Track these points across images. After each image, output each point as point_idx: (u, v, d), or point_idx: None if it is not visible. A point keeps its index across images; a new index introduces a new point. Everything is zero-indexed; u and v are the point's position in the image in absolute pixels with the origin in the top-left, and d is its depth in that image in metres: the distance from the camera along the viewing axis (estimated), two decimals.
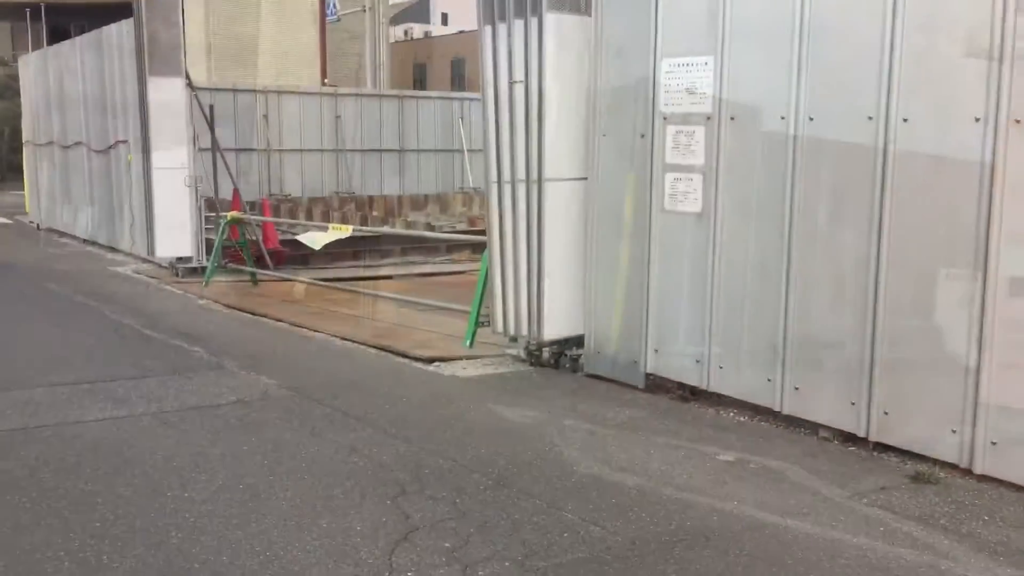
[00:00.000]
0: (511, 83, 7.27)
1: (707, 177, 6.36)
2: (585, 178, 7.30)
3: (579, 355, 7.49)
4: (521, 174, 7.34)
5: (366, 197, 27.49)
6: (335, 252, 16.05)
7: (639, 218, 6.85)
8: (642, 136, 6.78)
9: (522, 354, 7.83)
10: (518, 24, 7.18)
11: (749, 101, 6.04)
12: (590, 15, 7.11)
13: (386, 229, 10.77)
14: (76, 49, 17.14)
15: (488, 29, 7.37)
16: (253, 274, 12.88)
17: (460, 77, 57.42)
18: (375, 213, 26.10)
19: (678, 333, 6.65)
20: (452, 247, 17.43)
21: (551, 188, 7.19)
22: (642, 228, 6.83)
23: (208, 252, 13.44)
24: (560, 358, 7.60)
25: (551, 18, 7.03)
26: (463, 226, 21.68)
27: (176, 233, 13.26)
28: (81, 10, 53.51)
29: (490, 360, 7.97)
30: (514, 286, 7.53)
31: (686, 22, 6.39)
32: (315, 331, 9.36)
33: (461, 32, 66.78)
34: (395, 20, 65.98)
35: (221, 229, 12.77)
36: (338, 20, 36.03)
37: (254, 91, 26.40)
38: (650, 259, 6.78)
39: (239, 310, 10.78)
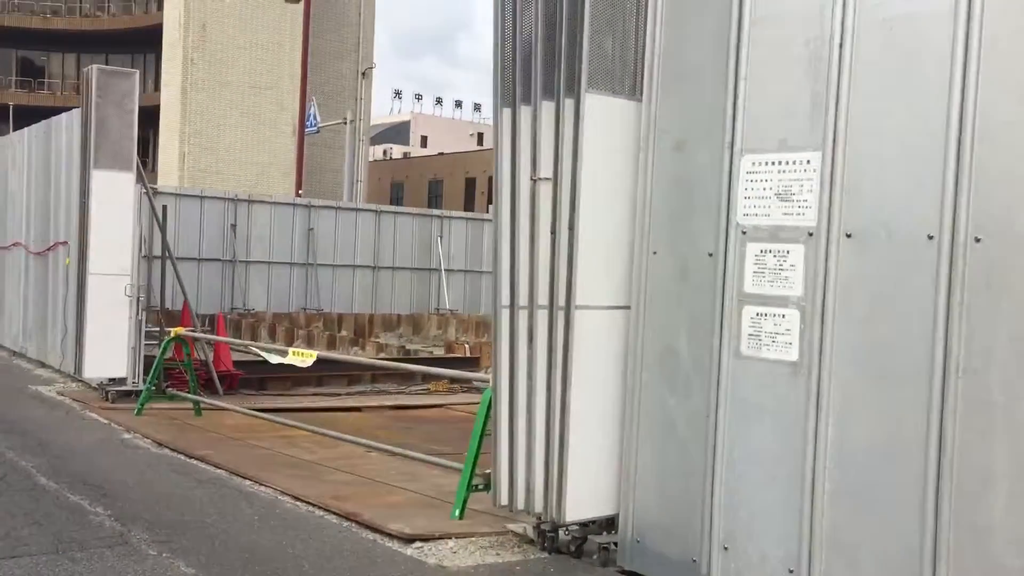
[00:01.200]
0: (535, 180, 5.61)
1: (807, 313, 4.64)
2: (627, 307, 5.57)
3: (611, 543, 5.60)
4: (543, 298, 5.60)
5: (335, 315, 25.67)
6: (296, 376, 14.15)
7: (702, 364, 5.09)
8: (709, 255, 5.09)
9: (530, 532, 5.92)
10: (547, 107, 5.56)
11: (876, 213, 4.38)
12: (640, 98, 5.52)
13: (356, 358, 8.88)
14: (24, 140, 15.49)
15: (507, 113, 5.74)
16: (196, 402, 10.92)
17: (437, 197, 56.64)
18: (343, 333, 24.26)
19: (759, 526, 4.81)
20: (429, 376, 15.60)
21: (583, 318, 5.45)
22: (707, 378, 5.06)
23: (147, 373, 11.52)
24: (583, 544, 5.69)
25: (591, 101, 5.41)
26: (440, 351, 19.88)
27: (110, 349, 11.34)
28: (57, 37, 51.58)
29: (488, 541, 6.04)
30: (526, 445, 5.68)
31: (779, 106, 4.79)
32: (261, 484, 7.40)
33: (440, 154, 66.58)
34: (375, 140, 65.70)
35: (162, 347, 10.88)
36: (318, 131, 34.92)
37: (223, 199, 24.86)
38: (718, 420, 5.00)
39: (172, 449, 8.80)
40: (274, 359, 8.84)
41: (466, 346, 18.04)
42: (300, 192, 30.37)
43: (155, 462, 8.19)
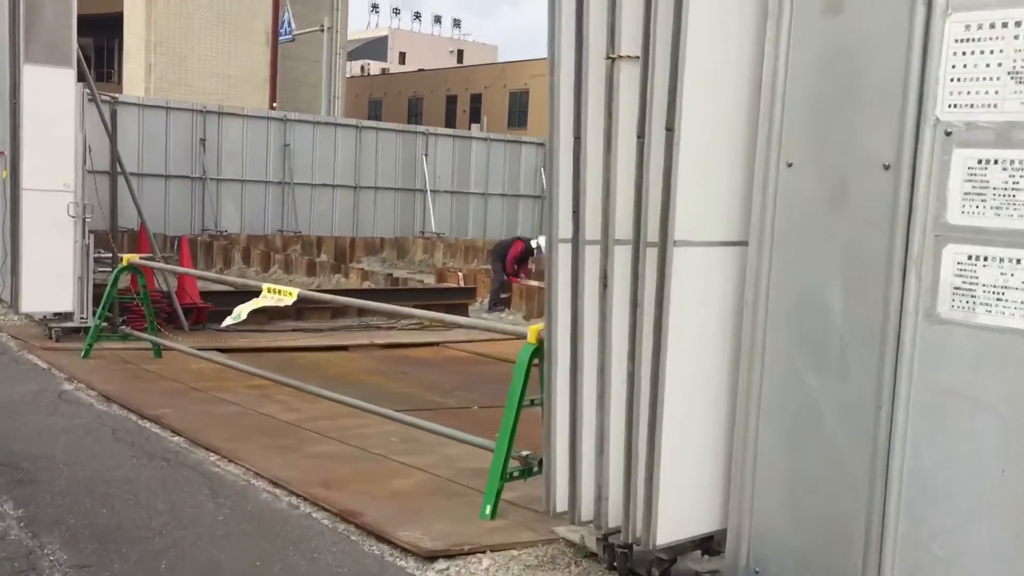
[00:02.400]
0: (613, 59, 3.89)
1: None
2: (743, 243, 3.92)
3: (715, 571, 4.04)
4: (622, 229, 3.94)
5: (314, 238, 23.85)
6: (274, 309, 12.48)
7: (868, 328, 3.48)
8: (885, 168, 3.43)
9: (590, 544, 4.36)
10: None
11: None
12: None
13: (344, 298, 7.22)
14: None
15: None
16: (155, 343, 9.25)
17: (417, 115, 54.27)
18: (323, 257, 22.51)
19: (963, 572, 3.26)
20: (419, 307, 13.96)
21: (683, 258, 3.79)
22: (876, 350, 3.45)
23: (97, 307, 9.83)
24: (671, 567, 4.14)
25: None
26: (428, 279, 18.22)
27: (52, 279, 9.60)
28: None
29: (534, 556, 4.47)
30: (597, 433, 4.08)
31: None
32: (229, 459, 5.79)
33: (420, 71, 63.88)
34: (352, 56, 62.88)
35: (112, 277, 9.15)
36: (292, 39, 32.55)
37: (191, 110, 22.77)
38: (896, 415, 3.40)
39: (120, 405, 7.16)
40: (245, 309, 7.14)
41: (459, 274, 16.37)
42: (275, 105, 28.26)
43: (97, 425, 6.54)
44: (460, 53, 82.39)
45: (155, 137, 21.95)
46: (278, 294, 7.01)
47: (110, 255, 10.35)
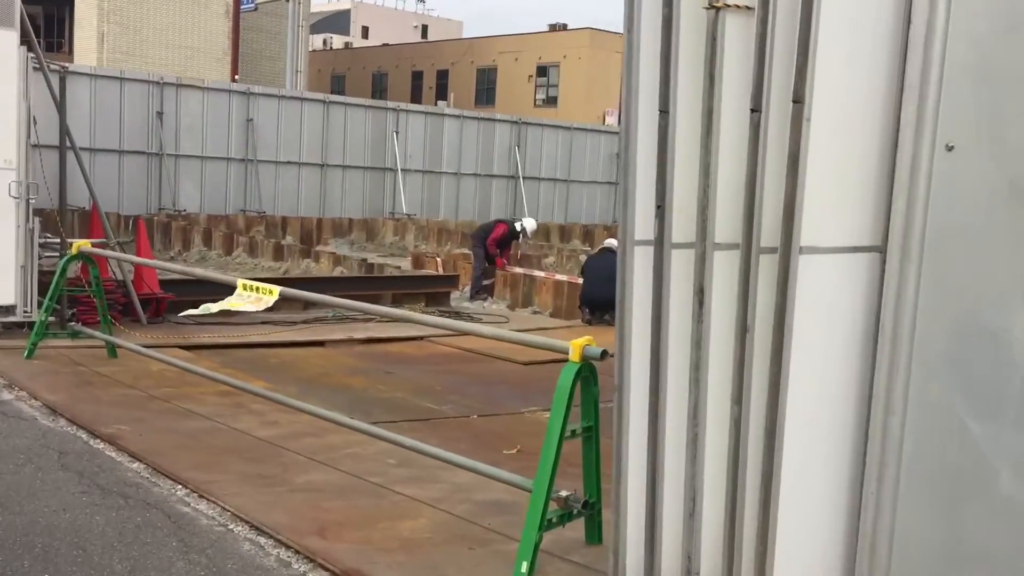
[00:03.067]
0: (718, 8, 2.98)
1: None
2: (877, 248, 3.03)
3: None
4: (725, 231, 3.05)
5: (279, 218, 22.69)
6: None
7: None
8: None
9: None
10: None
11: None
12: None
13: (342, 301, 6.22)
14: None
15: None
16: (110, 343, 8.21)
17: (382, 91, 52.87)
18: (288, 239, 21.41)
19: None
20: (399, 296, 13.03)
21: (811, 269, 2.90)
22: None
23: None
24: None
25: None
26: (402, 263, 17.23)
27: None
28: None
29: None
30: (690, 484, 3.19)
31: None
32: (201, 495, 4.83)
33: (385, 45, 62.37)
34: (314, 29, 61.22)
35: (59, 267, 8.09)
36: (255, 8, 31.19)
37: (147, 81, 21.47)
38: None
39: (69, 420, 6.15)
40: (214, 307, 6.15)
41: (437, 260, 15.41)
42: (236, 78, 26.96)
43: (40, 448, 5.54)
44: (424, 28, 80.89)
45: (109, 110, 20.67)
46: (255, 292, 6.03)
47: (58, 240, 9.27)
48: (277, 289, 5.93)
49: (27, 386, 6.95)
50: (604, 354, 4.03)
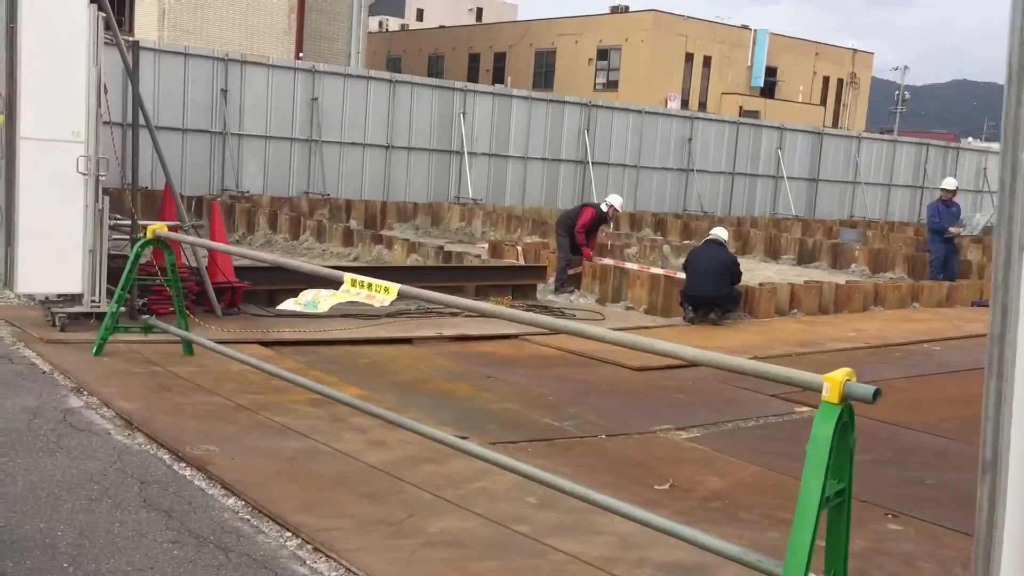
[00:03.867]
0: None
1: None
2: None
3: None
4: None
5: (343, 201, 21.84)
6: (317, 286, 10.57)
7: None
8: None
9: None
10: None
11: None
12: None
13: (452, 298, 5.18)
14: None
15: None
16: (187, 342, 7.34)
17: (437, 74, 51.91)
18: (352, 223, 20.54)
19: None
20: (481, 288, 12.06)
21: None
22: None
23: (115, 287, 7.93)
24: None
25: None
26: (479, 251, 16.23)
27: (55, 252, 7.68)
28: None
29: None
30: None
31: None
32: (319, 550, 3.88)
33: (441, 27, 61.40)
34: (370, 11, 60.42)
35: (132, 253, 7.21)
36: None
37: (212, 57, 20.70)
38: None
39: (148, 436, 5.26)
40: (322, 305, 5.17)
41: (517, 249, 14.40)
42: (300, 56, 26.12)
43: (117, 475, 4.64)
44: (479, 11, 79.87)
45: (172, 87, 19.93)
46: (368, 288, 5.06)
47: (129, 222, 8.43)
48: (395, 288, 4.97)
49: (98, 391, 6.08)
50: (877, 395, 3.00)
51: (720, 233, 11.79)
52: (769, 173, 30.12)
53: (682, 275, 12.51)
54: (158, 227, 7.15)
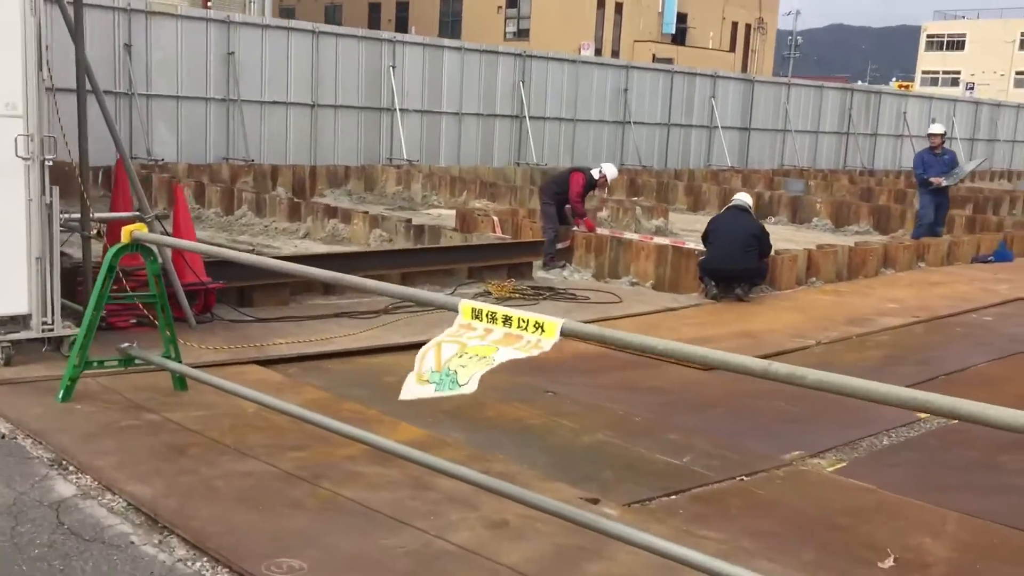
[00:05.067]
0: None
1: None
2: None
3: None
4: None
5: (268, 167, 19.79)
6: (297, 280, 8.91)
7: None
8: None
9: None
10: None
11: None
12: None
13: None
14: None
15: None
16: (179, 376, 5.66)
17: (375, 21, 48.91)
18: (279, 191, 18.60)
19: None
20: (475, 270, 10.55)
21: None
22: None
23: (73, 302, 6.16)
24: None
25: None
26: (438, 222, 14.59)
27: None
28: None
29: None
30: None
31: None
32: None
33: None
34: None
35: (107, 263, 5.47)
36: None
37: (112, 8, 18.23)
38: None
39: (188, 543, 3.69)
40: (464, 374, 3.60)
41: (494, 219, 12.87)
42: (209, 4, 23.69)
43: None
44: None
45: (69, 42, 17.50)
46: (506, 325, 3.57)
47: (78, 215, 6.63)
48: (557, 324, 3.49)
49: (90, 464, 4.43)
50: None
51: (744, 199, 10.55)
52: (703, 123, 29.17)
53: (692, 245, 11.28)
54: (134, 229, 5.44)
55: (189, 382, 5.77)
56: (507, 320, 3.59)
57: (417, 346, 7.55)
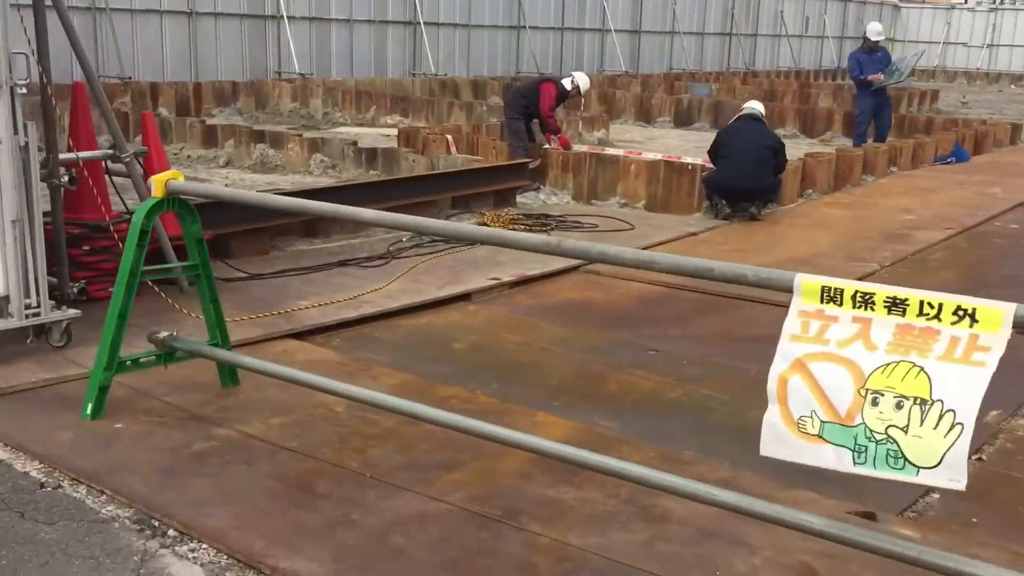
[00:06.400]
0: None
1: None
2: None
3: None
4: None
5: (146, 84, 17.51)
6: (273, 225, 7.42)
7: None
8: None
9: None
10: None
11: None
12: None
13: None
14: None
15: None
16: (230, 368, 4.29)
17: None
18: (162, 111, 16.51)
19: None
20: (459, 199, 9.23)
21: None
22: None
23: (55, 276, 4.65)
24: None
25: None
26: (385, 142, 13.01)
27: None
28: None
29: None
30: None
31: None
32: None
33: None
34: None
35: (136, 222, 3.98)
36: None
37: None
38: None
39: None
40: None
41: (448, 139, 11.45)
42: None
43: None
44: None
45: None
46: (921, 317, 2.46)
47: (45, 152, 5.02)
48: (1001, 311, 2.39)
49: (193, 521, 3.10)
50: None
51: (757, 106, 9.58)
52: (595, 27, 28.04)
53: (688, 159, 10.31)
54: (168, 176, 3.97)
55: (240, 373, 4.41)
56: (895, 304, 2.43)
57: (461, 299, 6.37)
